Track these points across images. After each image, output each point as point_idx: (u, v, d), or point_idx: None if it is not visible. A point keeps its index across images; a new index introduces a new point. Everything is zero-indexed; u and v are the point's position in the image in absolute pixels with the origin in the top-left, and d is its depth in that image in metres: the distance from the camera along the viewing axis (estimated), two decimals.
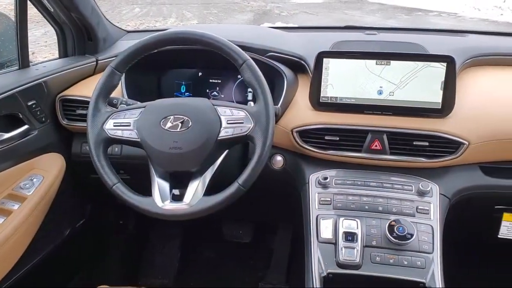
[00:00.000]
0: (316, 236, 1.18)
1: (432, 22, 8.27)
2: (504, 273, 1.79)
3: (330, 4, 11.16)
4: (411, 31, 1.69)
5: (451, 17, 8.58)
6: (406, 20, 8.70)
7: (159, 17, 10.11)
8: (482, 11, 8.40)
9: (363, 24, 2.06)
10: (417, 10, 9.41)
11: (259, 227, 2.13)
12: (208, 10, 11.53)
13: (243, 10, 11.60)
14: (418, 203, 1.21)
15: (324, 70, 1.29)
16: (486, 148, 1.24)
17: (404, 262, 1.11)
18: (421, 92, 1.24)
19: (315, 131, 1.30)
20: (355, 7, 10.39)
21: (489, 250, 1.73)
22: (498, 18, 8.06)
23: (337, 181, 1.28)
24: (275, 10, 11.06)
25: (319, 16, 9.80)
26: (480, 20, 8.20)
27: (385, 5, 10.17)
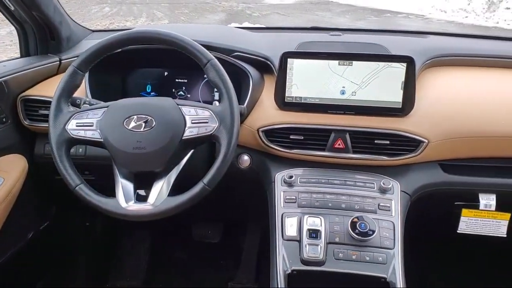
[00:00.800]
0: (281, 234, 1.20)
1: (401, 24, 8.44)
2: (462, 266, 1.86)
3: (301, 5, 11.25)
4: (374, 32, 1.72)
5: (419, 19, 8.78)
6: (375, 21, 8.85)
7: (129, 17, 9.99)
8: (448, 13, 8.62)
9: (334, 26, 2.09)
10: (386, 11, 9.58)
11: (229, 227, 2.13)
12: (179, 10, 11.45)
13: (215, 10, 11.57)
14: (380, 200, 1.24)
15: (288, 70, 1.30)
16: (445, 146, 1.28)
17: (366, 258, 1.13)
18: (382, 92, 1.27)
19: (280, 130, 1.31)
20: (325, 9, 10.50)
21: (448, 245, 1.78)
22: (463, 20, 8.30)
23: (302, 180, 1.30)
24: (246, 11, 11.07)
25: (290, 17, 9.87)
26: (446, 22, 8.42)
27: (355, 6, 10.32)
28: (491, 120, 1.29)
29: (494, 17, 8.01)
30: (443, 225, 1.43)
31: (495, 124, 1.28)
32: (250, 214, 1.93)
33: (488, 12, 8.29)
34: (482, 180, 1.33)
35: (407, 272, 1.15)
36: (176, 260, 2.13)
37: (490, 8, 8.36)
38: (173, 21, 9.78)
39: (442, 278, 1.84)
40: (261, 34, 1.68)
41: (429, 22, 8.54)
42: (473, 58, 1.50)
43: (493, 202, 1.32)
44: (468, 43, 1.68)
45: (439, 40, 1.65)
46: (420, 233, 1.50)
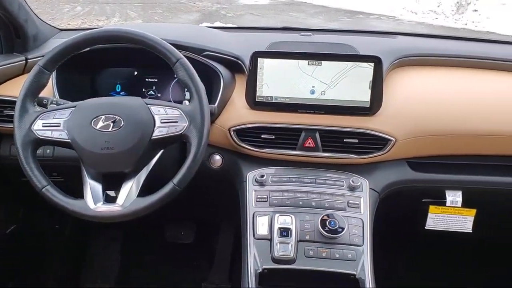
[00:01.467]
0: (252, 233, 1.20)
1: (373, 25, 8.57)
2: (430, 262, 1.90)
3: (275, 6, 11.30)
4: (344, 32, 1.75)
5: (391, 20, 8.93)
6: (348, 22, 8.96)
7: (102, 16, 9.83)
8: (419, 15, 8.80)
9: (307, 26, 2.10)
10: (359, 13, 9.71)
11: (202, 227, 2.12)
12: (153, 9, 11.33)
13: (189, 10, 11.50)
14: (349, 197, 1.26)
15: (259, 69, 1.31)
16: (412, 144, 1.30)
17: (336, 255, 1.15)
18: (351, 91, 1.29)
19: (251, 130, 1.32)
20: (299, 10, 10.57)
21: (417, 241, 1.82)
22: (433, 22, 8.48)
23: (273, 179, 1.31)
24: (221, 11, 11.04)
25: (265, 17, 9.89)
26: (417, 24, 8.59)
27: (329, 7, 10.42)
28: (457, 118, 1.32)
29: (463, 19, 8.23)
30: (411, 221, 1.46)
31: (461, 122, 1.32)
32: (223, 214, 1.93)
33: (457, 14, 8.51)
34: (449, 177, 1.37)
35: (376, 268, 1.17)
36: (148, 261, 2.11)
37: (459, 10, 8.58)
38: (146, 21, 9.68)
39: (411, 273, 1.88)
40: (232, 34, 1.68)
41: (400, 23, 8.70)
42: (440, 58, 1.53)
43: (459, 198, 1.35)
44: (436, 44, 1.72)
45: (407, 40, 1.68)
46: (389, 229, 1.53)
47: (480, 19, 7.94)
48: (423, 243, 1.82)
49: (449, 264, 1.92)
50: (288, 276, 1.16)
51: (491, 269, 1.92)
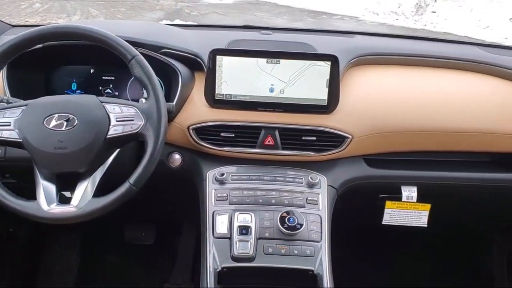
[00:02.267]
0: (211, 232, 1.20)
1: (336, 25, 8.69)
2: (387, 256, 1.95)
3: (240, 5, 11.28)
4: (304, 31, 1.77)
5: (353, 21, 9.09)
6: (312, 22, 9.06)
7: (62, 14, 9.55)
8: (380, 16, 9.00)
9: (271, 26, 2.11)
10: (322, 13, 9.82)
11: (163, 228, 2.10)
12: (116, 8, 11.10)
13: (153, 9, 11.32)
14: (308, 194, 1.27)
15: (217, 67, 1.30)
16: (368, 141, 1.33)
17: (295, 252, 1.16)
18: (309, 90, 1.30)
19: (211, 128, 1.31)
20: (264, 9, 10.59)
21: (374, 236, 1.87)
22: (394, 23, 8.69)
23: (233, 177, 1.31)
24: (185, 10, 10.94)
25: (230, 16, 9.87)
26: (379, 24, 8.77)
27: (293, 8, 10.49)
28: (411, 116, 1.36)
29: (422, 20, 8.47)
30: (369, 217, 1.50)
31: (414, 119, 1.35)
32: (185, 214, 1.91)
33: (416, 15, 8.75)
34: (404, 173, 1.40)
35: (334, 264, 1.19)
36: (108, 264, 2.07)
37: (418, 11, 8.83)
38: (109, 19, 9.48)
39: (369, 268, 1.92)
40: (192, 32, 1.67)
41: (363, 24, 8.87)
42: (396, 57, 1.56)
43: (414, 194, 1.39)
44: (393, 43, 1.75)
45: (365, 39, 1.71)
46: (348, 225, 1.56)
47: (439, 20, 8.21)
48: (380, 237, 1.87)
49: (406, 258, 1.97)
50: (248, 274, 1.16)
51: (446, 261, 1.99)
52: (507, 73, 1.50)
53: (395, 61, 1.56)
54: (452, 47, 1.70)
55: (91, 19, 9.04)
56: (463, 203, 1.49)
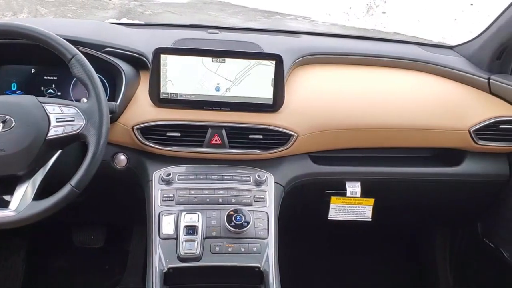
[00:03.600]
0: (158, 232, 1.19)
1: (289, 25, 8.78)
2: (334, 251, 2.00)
3: (194, 4, 11.18)
4: (251, 31, 1.78)
5: (306, 21, 9.19)
6: (266, 22, 9.10)
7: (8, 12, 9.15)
8: (332, 16, 9.15)
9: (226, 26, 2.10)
10: (276, 13, 9.88)
11: (113, 230, 2.05)
12: (66, 6, 10.73)
13: (105, 8, 11.04)
14: (255, 192, 1.28)
15: (162, 66, 1.29)
16: (313, 138, 1.36)
17: (242, 249, 1.17)
18: (255, 89, 1.31)
19: (156, 127, 1.30)
20: (218, 9, 10.53)
21: (321, 231, 1.91)
22: (345, 23, 8.87)
23: (180, 177, 1.30)
24: (138, 9, 10.73)
25: (184, 16, 9.75)
26: (331, 25, 8.92)
27: (247, 7, 10.49)
28: (354, 114, 1.39)
29: (373, 21, 8.70)
30: (316, 213, 1.53)
31: (358, 117, 1.39)
32: (134, 215, 1.88)
33: (367, 16, 8.97)
34: (348, 169, 1.44)
35: (282, 260, 1.20)
36: (57, 269, 2.01)
37: (369, 12, 9.05)
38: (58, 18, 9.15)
39: (316, 263, 1.96)
40: (138, 30, 1.65)
41: (316, 24, 8.99)
42: (341, 57, 1.61)
43: (358, 189, 1.43)
44: (339, 43, 1.79)
45: (311, 39, 1.75)
46: (295, 221, 1.58)
47: (388, 21, 8.47)
48: (327, 233, 1.91)
49: (352, 252, 2.02)
50: (195, 274, 1.16)
51: (391, 253, 2.07)
52: (445, 71, 1.57)
53: (339, 61, 1.60)
54: (395, 47, 1.76)
55: (39, 18, 8.72)
56: (405, 197, 1.55)
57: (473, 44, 1.62)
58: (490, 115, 1.41)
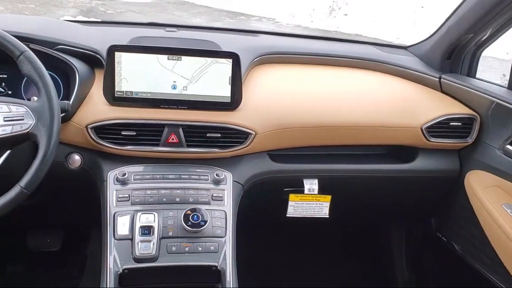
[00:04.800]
0: (112, 233, 1.17)
1: (254, 26, 8.79)
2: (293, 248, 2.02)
3: (158, 4, 11.05)
4: (210, 29, 1.78)
5: (270, 22, 9.25)
6: (231, 23, 9.10)
7: None
8: (296, 18, 9.25)
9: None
10: (240, 14, 9.89)
11: (70, 233, 2.00)
12: (24, 4, 10.39)
13: (65, 6, 10.75)
14: (214, 191, 1.28)
15: (116, 64, 1.26)
16: (271, 137, 1.36)
17: (199, 249, 1.16)
18: (212, 87, 1.31)
19: (111, 126, 1.27)
20: (182, 9, 10.46)
21: (280, 228, 1.93)
22: (309, 25, 8.99)
23: (136, 177, 1.28)
24: (100, 8, 10.51)
25: (147, 15, 9.62)
26: (295, 26, 9.01)
27: (211, 8, 10.46)
28: (311, 112, 1.41)
29: (335, 22, 8.86)
30: (274, 210, 1.54)
31: (314, 115, 1.41)
32: (92, 216, 1.83)
33: (330, 18, 9.12)
34: (306, 166, 1.46)
35: (241, 258, 1.21)
36: (11, 274, 1.94)
37: (332, 14, 9.21)
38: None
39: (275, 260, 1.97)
40: (95, 28, 1.62)
41: (280, 25, 9.06)
42: (299, 56, 1.63)
43: (315, 186, 1.45)
44: (297, 43, 1.81)
45: (269, 39, 1.76)
46: (254, 219, 1.59)
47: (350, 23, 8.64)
48: (287, 230, 1.93)
49: (311, 249, 2.05)
50: (151, 274, 1.15)
51: (348, 249, 2.11)
52: (398, 70, 1.62)
53: (297, 60, 1.62)
54: (351, 47, 1.80)
55: None
56: (361, 193, 1.58)
57: (425, 44, 1.67)
58: (441, 113, 1.45)
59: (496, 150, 1.40)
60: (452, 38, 1.52)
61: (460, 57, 1.57)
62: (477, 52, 1.56)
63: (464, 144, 1.49)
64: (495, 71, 3.51)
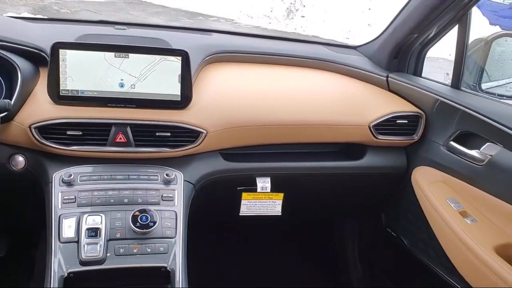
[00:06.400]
0: (57, 236, 1.13)
1: (212, 26, 8.77)
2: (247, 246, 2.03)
3: (114, 3, 10.81)
4: (161, 28, 1.75)
5: (228, 23, 9.23)
6: (189, 23, 9.02)
7: None
8: (254, 19, 9.28)
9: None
10: (198, 14, 9.82)
11: (18, 237, 1.92)
12: None
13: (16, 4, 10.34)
14: (164, 191, 1.26)
15: (61, 62, 1.22)
16: (223, 135, 1.36)
17: (148, 250, 1.14)
18: (161, 85, 1.29)
19: (55, 126, 1.23)
20: (139, 8, 10.27)
21: (234, 227, 1.93)
22: (267, 26, 9.04)
23: (82, 178, 1.24)
24: (53, 6, 10.18)
25: (102, 15, 9.39)
26: (253, 27, 9.04)
27: (168, 8, 10.33)
28: (262, 111, 1.41)
29: (293, 24, 8.96)
30: (228, 209, 1.53)
31: (266, 114, 1.41)
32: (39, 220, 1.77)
33: (287, 19, 9.21)
34: (258, 165, 1.46)
35: (194, 258, 1.19)
36: None
37: (289, 15, 9.29)
38: None
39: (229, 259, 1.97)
40: (40, 25, 1.57)
41: (238, 26, 9.06)
42: (251, 55, 1.63)
43: (268, 184, 1.46)
44: (250, 42, 1.82)
45: (222, 38, 1.75)
46: (208, 219, 1.58)
47: (307, 24, 8.76)
48: (240, 229, 1.93)
49: (265, 247, 2.06)
50: (98, 277, 1.11)
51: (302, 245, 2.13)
52: (348, 70, 1.65)
53: (249, 59, 1.62)
54: (303, 47, 1.82)
55: None
56: (313, 190, 1.60)
57: (373, 44, 1.71)
58: (388, 111, 1.49)
59: (441, 147, 1.45)
60: (398, 38, 1.56)
61: (406, 56, 1.62)
62: (422, 52, 1.61)
63: (411, 141, 1.53)
64: (445, 71, 3.65)
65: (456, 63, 1.46)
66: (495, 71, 1.56)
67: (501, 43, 1.52)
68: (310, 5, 9.24)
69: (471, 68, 1.54)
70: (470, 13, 1.42)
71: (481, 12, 7.97)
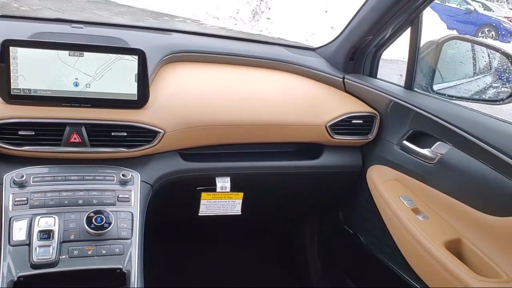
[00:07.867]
0: (8, 239, 1.10)
1: (178, 27, 8.72)
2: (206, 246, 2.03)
3: (78, 2, 10.57)
4: (119, 27, 1.73)
5: (195, 24, 9.21)
6: (154, 23, 8.93)
7: None
8: (220, 20, 9.30)
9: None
10: (164, 14, 9.74)
11: None
12: None
13: None
14: (120, 192, 1.24)
15: (12, 60, 1.19)
16: (181, 135, 1.35)
17: (103, 251, 1.12)
18: (117, 84, 1.27)
19: (6, 126, 1.20)
20: (104, 8, 10.08)
21: (193, 228, 1.92)
22: (233, 27, 9.08)
23: (35, 179, 1.21)
24: (13, 4, 9.87)
25: (65, 14, 9.17)
26: (219, 28, 9.05)
27: (134, 8, 10.19)
28: (221, 111, 1.42)
29: (258, 26, 9.03)
30: (187, 210, 1.53)
31: (224, 114, 1.42)
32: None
33: (253, 21, 9.28)
34: (218, 165, 1.47)
35: (151, 259, 1.18)
36: None
37: (255, 17, 9.36)
38: None
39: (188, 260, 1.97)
40: None
41: (204, 27, 9.04)
42: (210, 55, 1.63)
43: (227, 184, 1.46)
44: (210, 42, 1.82)
45: (181, 37, 1.75)
46: (166, 219, 1.57)
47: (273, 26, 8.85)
48: (199, 229, 1.93)
49: (226, 247, 2.06)
50: (51, 280, 1.09)
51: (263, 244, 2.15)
52: (306, 71, 1.68)
53: (208, 59, 1.62)
54: (262, 48, 1.83)
55: None
56: (272, 189, 1.61)
57: (331, 46, 1.75)
58: (344, 111, 1.53)
59: (394, 146, 1.50)
60: (354, 40, 1.60)
61: (361, 58, 1.66)
62: (377, 53, 1.66)
63: (366, 141, 1.57)
64: (404, 73, 3.76)
65: (409, 65, 1.51)
66: (446, 73, 1.62)
67: (452, 45, 1.58)
68: (276, 8, 9.33)
69: (424, 70, 1.59)
70: (422, 16, 1.47)
71: (439, 17, 8.26)
